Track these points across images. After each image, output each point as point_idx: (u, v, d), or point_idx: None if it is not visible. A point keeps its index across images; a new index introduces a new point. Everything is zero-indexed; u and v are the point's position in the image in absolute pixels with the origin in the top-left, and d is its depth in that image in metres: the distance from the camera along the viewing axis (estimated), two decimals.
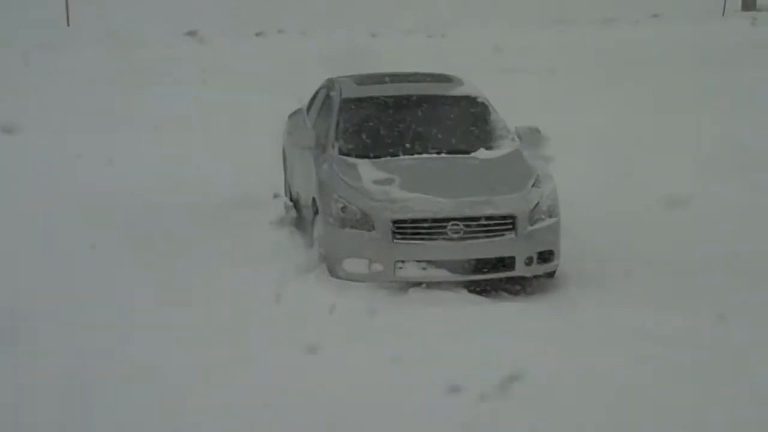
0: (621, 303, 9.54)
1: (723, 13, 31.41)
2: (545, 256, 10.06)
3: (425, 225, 9.86)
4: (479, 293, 9.87)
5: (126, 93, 19.29)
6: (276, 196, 12.67)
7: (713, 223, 11.83)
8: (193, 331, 8.70)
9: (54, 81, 20.96)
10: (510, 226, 9.92)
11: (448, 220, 9.84)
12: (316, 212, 10.40)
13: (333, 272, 10.03)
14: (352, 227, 9.96)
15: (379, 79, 11.83)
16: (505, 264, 9.91)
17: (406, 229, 9.87)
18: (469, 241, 9.85)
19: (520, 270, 9.96)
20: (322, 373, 7.91)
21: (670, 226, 11.73)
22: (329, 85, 11.84)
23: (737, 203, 12.50)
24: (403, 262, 9.84)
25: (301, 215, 11.59)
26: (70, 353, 8.41)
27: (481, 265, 9.87)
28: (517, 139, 11.00)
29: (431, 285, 9.82)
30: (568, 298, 9.82)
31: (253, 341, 8.51)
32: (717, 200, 12.52)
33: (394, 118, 10.98)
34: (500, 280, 10.01)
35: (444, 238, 9.84)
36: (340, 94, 11.29)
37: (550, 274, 10.24)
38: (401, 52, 22.11)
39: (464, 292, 9.81)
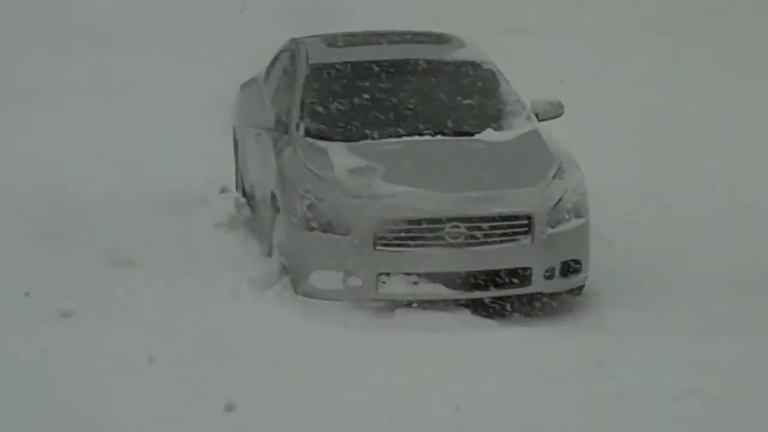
0: (666, 326, 9.61)
1: None
2: (570, 268, 10.15)
3: (416, 227, 9.93)
4: (486, 315, 9.95)
5: (26, 59, 19.26)
6: (224, 190, 12.70)
7: None
8: (112, 366, 8.75)
9: None
10: (525, 229, 10.00)
11: (445, 220, 9.91)
12: (276, 211, 10.46)
13: (298, 288, 10.08)
14: (323, 230, 10.02)
15: (356, 39, 11.90)
16: (519, 277, 9.98)
17: (392, 232, 9.95)
18: (472, 248, 9.91)
19: (538, 285, 10.04)
20: (282, 423, 7.97)
21: (732, 228, 11.81)
22: (293, 47, 11.89)
23: None
24: (387, 275, 9.91)
25: (256, 215, 11.65)
26: None
27: (489, 278, 9.94)
28: (533, 116, 11.10)
29: (424, 304, 9.89)
30: (600, 322, 9.87)
31: (196, 379, 8.56)
32: None
33: (376, 90, 11.02)
34: (513, 298, 10.11)
35: (440, 245, 9.91)
36: (307, 59, 11.34)
37: (577, 291, 10.35)
38: (385, 4, 22.13)
39: (467, 314, 9.88)
